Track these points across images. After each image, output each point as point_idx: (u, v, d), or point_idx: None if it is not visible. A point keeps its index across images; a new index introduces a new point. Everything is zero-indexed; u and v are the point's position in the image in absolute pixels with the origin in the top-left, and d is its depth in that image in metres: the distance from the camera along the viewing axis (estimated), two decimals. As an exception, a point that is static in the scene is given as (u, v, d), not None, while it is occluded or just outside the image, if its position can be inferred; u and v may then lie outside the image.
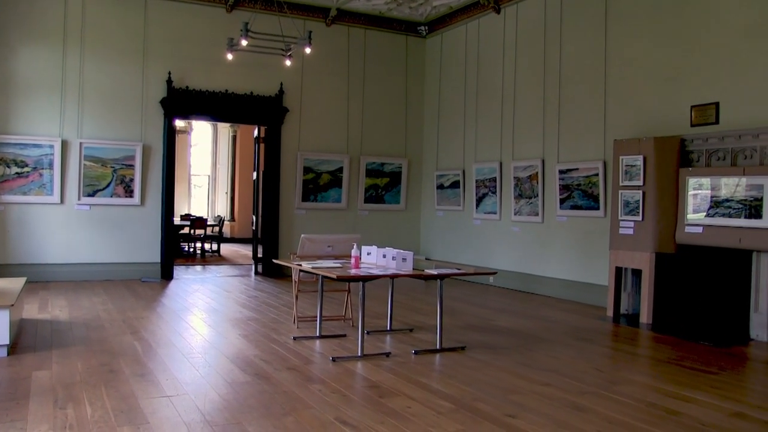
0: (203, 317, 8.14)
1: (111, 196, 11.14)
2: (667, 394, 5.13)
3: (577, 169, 9.88)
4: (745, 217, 7.30)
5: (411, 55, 13.65)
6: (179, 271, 12.46)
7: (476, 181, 12.07)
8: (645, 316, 8.17)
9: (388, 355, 6.21)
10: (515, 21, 11.31)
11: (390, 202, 13.49)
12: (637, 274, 8.67)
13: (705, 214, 7.74)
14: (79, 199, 10.94)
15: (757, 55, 7.64)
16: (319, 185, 12.75)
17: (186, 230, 15.65)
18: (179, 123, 17.55)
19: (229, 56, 9.70)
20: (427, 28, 13.48)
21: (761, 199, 7.15)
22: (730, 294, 7.78)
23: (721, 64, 8.01)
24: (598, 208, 9.55)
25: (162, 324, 7.57)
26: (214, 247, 16.75)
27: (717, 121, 7.99)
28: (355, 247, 6.45)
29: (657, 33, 8.83)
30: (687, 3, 8.46)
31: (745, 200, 7.31)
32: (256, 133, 13.00)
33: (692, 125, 8.24)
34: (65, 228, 10.91)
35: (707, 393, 5.17)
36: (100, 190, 11.06)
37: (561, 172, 10.12)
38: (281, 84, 12.27)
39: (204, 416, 4.36)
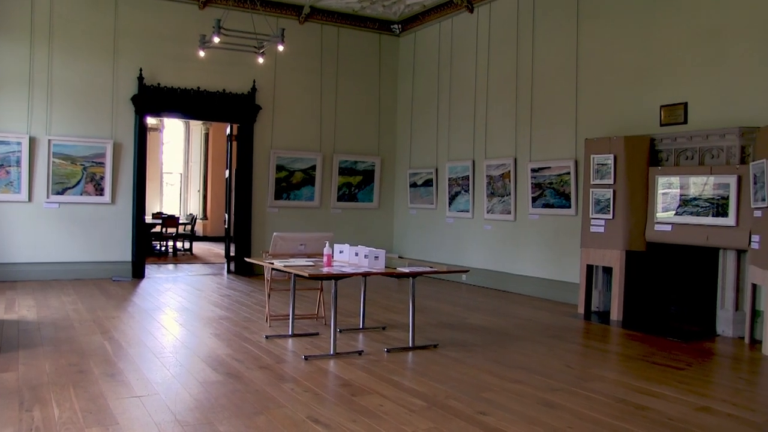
0: (175, 316, 8.07)
1: (81, 194, 10.98)
2: (636, 389, 5.20)
3: (549, 167, 9.96)
4: (713, 216, 7.43)
5: (384, 53, 13.66)
6: (151, 270, 12.34)
7: (449, 179, 12.11)
8: (615, 313, 8.27)
9: (360, 353, 6.21)
10: (488, 20, 11.36)
11: (363, 201, 13.49)
12: (607, 271, 8.78)
13: (674, 212, 7.85)
14: (47, 197, 10.77)
15: (723, 57, 7.77)
16: (292, 183, 12.71)
17: (158, 229, 15.50)
18: (151, 120, 17.39)
19: (202, 53, 9.60)
20: (400, 26, 13.49)
21: (727, 198, 7.28)
22: (698, 291, 7.91)
23: (690, 65, 8.13)
24: (569, 207, 9.64)
25: (133, 323, 7.49)
26: (186, 245, 16.62)
27: (686, 121, 8.12)
28: (327, 245, 6.44)
29: (628, 33, 8.93)
30: (656, 5, 8.57)
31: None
32: (228, 130, 12.92)
33: (662, 125, 8.36)
34: (33, 226, 10.74)
35: (675, 388, 5.25)
36: (70, 188, 10.91)
37: (533, 170, 10.20)
38: (254, 81, 12.20)
39: (175, 416, 4.33)
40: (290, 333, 6.93)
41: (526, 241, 10.45)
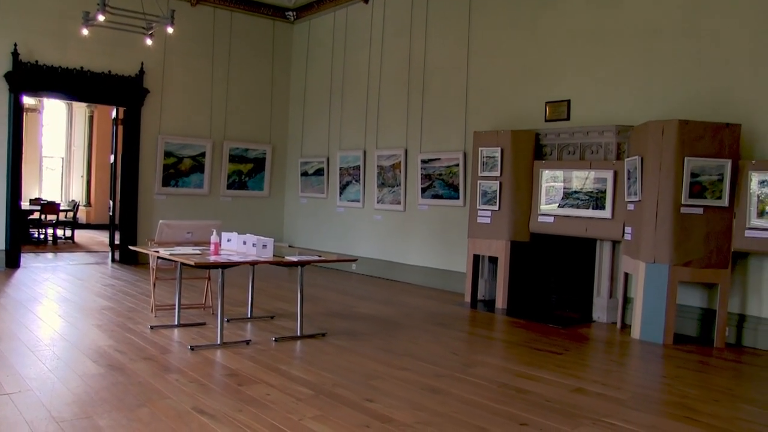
0: (53, 308, 7.69)
1: (-53, 178, 10.24)
2: (517, 374, 5.42)
3: (438, 159, 10.16)
4: (592, 209, 7.82)
5: (278, 40, 13.49)
6: (27, 259, 11.68)
7: (340, 168, 12.13)
8: (500, 302, 8.56)
9: (248, 342, 6.15)
10: (383, 11, 11.43)
11: (253, 189, 13.31)
12: (493, 261, 9.07)
13: (557, 205, 8.21)
14: None
15: (602, 59, 8.17)
16: (181, 170, 12.36)
17: (36, 215, 14.70)
18: (29, 101, 16.44)
19: (85, 31, 9.10)
20: (295, 13, 13.36)
21: (605, 192, 7.69)
22: (577, 280, 8.31)
23: (572, 64, 8.50)
24: (458, 198, 9.87)
25: (5, 316, 7.07)
26: (68, 233, 15.85)
27: (568, 118, 8.49)
28: (214, 233, 6.32)
29: (517, 30, 9.22)
30: (543, 4, 8.89)
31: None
32: (114, 114, 12.40)
33: (546, 120, 8.70)
34: None
35: (553, 372, 5.51)
36: (-65, 170, 10.14)
37: (423, 161, 10.37)
38: (142, 64, 11.75)
39: (50, 412, 4.13)
40: (176, 323, 6.76)
41: (415, 231, 10.63)
